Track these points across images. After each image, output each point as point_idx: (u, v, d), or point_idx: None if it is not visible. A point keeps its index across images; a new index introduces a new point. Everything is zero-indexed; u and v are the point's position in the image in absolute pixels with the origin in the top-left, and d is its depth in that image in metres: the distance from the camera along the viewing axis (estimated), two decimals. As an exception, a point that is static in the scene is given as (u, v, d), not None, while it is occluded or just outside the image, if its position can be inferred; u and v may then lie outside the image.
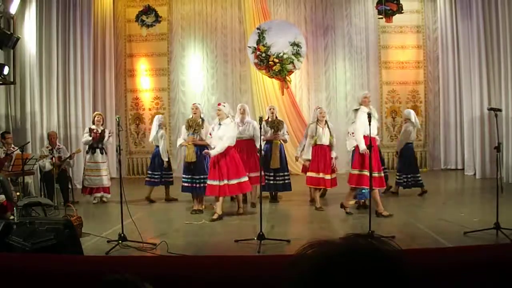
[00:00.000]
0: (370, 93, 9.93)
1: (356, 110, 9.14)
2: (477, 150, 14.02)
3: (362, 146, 8.68)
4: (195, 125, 9.83)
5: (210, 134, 9.48)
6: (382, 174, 9.16)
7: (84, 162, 11.51)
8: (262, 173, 8.89)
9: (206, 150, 9.34)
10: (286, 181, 10.78)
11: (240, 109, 10.42)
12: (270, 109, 11.15)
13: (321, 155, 9.86)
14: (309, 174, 10.04)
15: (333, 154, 9.97)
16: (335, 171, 10.28)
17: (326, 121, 10.12)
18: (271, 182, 10.67)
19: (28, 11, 12.05)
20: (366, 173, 8.45)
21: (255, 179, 9.66)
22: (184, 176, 9.92)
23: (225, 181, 9.02)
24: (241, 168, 9.30)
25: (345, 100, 16.22)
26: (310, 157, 10.10)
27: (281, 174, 10.71)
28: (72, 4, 14.00)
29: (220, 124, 9.23)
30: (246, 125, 10.19)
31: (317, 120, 10.05)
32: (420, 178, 11.04)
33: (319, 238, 1.29)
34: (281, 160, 10.74)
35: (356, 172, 8.96)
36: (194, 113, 10.08)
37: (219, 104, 9.61)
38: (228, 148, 9.06)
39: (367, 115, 7.97)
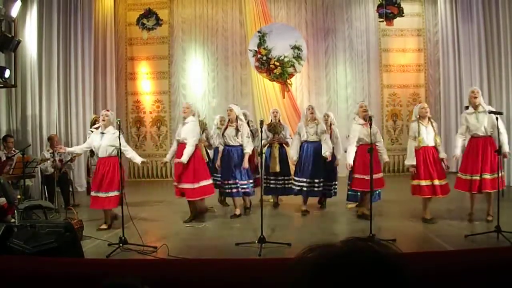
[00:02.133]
0: (365, 103, 9.62)
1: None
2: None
3: (349, 161, 8.89)
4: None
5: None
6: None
7: (89, 165, 11.51)
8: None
9: (177, 160, 9.05)
10: (287, 185, 10.53)
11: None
12: (273, 112, 10.99)
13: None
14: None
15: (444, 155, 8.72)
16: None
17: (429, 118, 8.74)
18: (271, 186, 10.56)
19: (29, 14, 12.08)
20: (375, 176, 8.44)
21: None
22: None
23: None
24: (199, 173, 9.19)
25: (346, 103, 16.24)
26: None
27: (282, 178, 10.54)
28: (73, 8, 14.02)
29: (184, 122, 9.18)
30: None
31: (419, 117, 8.65)
32: None
33: (320, 241, 1.29)
34: (282, 164, 10.49)
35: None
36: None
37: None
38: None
39: (361, 125, 8.14)
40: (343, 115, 15.77)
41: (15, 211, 8.02)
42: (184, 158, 8.87)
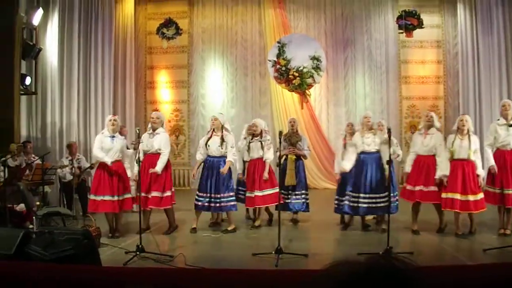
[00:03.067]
0: (370, 114, 9.31)
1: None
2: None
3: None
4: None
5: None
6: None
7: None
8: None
9: (152, 170, 8.87)
10: (304, 201, 9.90)
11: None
12: (290, 122, 10.29)
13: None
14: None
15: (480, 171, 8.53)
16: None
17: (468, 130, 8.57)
18: (287, 201, 9.78)
19: (50, 23, 12.21)
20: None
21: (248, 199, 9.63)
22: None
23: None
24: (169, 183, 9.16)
25: (365, 114, 16.19)
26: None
27: (298, 192, 9.88)
28: (94, 16, 14.15)
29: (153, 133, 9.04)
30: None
31: (457, 129, 8.61)
32: None
33: (342, 256, 1.31)
34: (299, 177, 9.87)
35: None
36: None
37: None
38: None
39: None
40: (361, 126, 15.70)
41: (34, 217, 8.07)
42: (159, 168, 8.85)
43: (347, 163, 8.94)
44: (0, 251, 4.69)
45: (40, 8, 11.55)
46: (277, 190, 9.03)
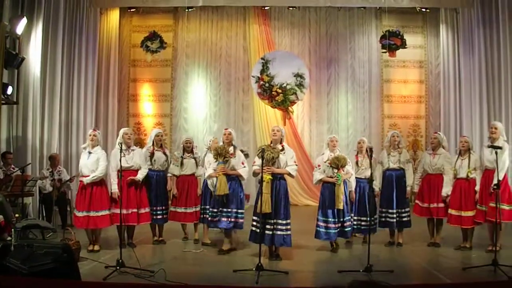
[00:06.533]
0: (336, 137, 9.39)
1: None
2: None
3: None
4: (225, 153, 8.63)
5: (243, 163, 8.76)
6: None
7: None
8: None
9: (131, 178, 8.88)
10: (279, 232, 8.19)
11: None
12: (272, 130, 8.72)
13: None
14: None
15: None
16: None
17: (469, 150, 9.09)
18: (259, 231, 8.01)
19: (34, 32, 12.10)
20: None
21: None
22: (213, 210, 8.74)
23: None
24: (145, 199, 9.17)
25: (347, 132, 16.29)
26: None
27: (274, 222, 8.20)
28: (78, 27, 14.13)
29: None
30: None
31: (460, 152, 9.17)
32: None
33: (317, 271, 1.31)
34: (277, 203, 8.18)
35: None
36: (227, 139, 8.87)
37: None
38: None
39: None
40: (343, 144, 15.70)
41: (12, 229, 7.98)
42: (140, 177, 8.95)
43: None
44: (-22, 263, 4.64)
45: (24, 17, 11.46)
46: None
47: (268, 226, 8.12)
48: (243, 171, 8.72)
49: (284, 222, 8.19)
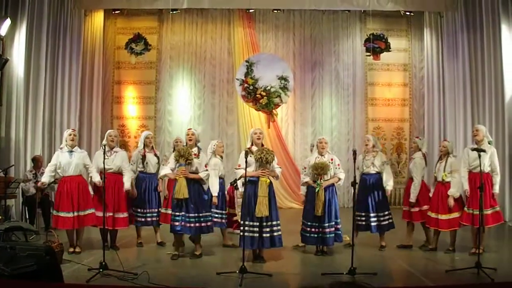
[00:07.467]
0: (325, 138, 9.29)
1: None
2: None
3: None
4: (187, 155, 8.24)
5: (206, 166, 8.49)
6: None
7: None
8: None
9: (126, 188, 8.97)
10: (275, 234, 8.19)
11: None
12: (255, 133, 8.51)
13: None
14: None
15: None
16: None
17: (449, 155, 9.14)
18: (256, 235, 8.06)
19: (18, 34, 12.03)
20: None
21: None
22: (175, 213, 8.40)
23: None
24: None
25: (331, 135, 16.29)
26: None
27: (271, 224, 8.17)
28: (63, 28, 14.09)
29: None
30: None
31: (440, 155, 9.28)
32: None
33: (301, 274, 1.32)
34: (271, 205, 8.15)
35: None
36: (190, 140, 8.62)
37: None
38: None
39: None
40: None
41: (-5, 231, 7.93)
42: (127, 185, 8.96)
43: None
44: (-40, 266, 4.61)
45: (8, 18, 11.39)
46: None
47: (266, 229, 8.08)
48: (204, 175, 8.40)
49: (276, 223, 8.20)
